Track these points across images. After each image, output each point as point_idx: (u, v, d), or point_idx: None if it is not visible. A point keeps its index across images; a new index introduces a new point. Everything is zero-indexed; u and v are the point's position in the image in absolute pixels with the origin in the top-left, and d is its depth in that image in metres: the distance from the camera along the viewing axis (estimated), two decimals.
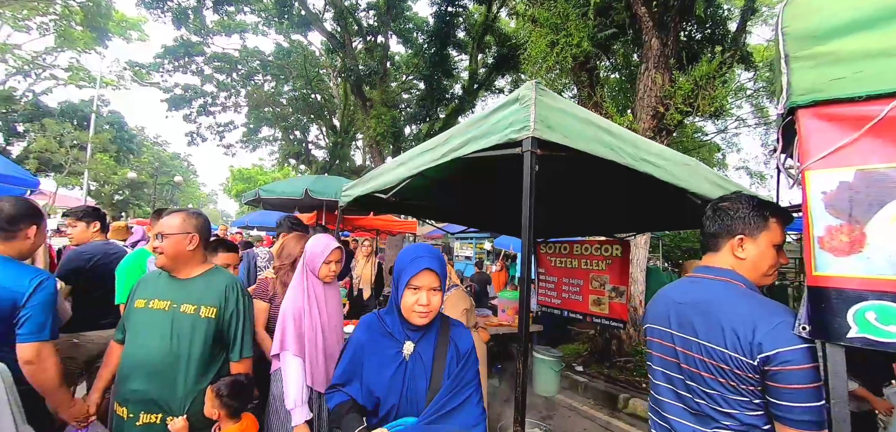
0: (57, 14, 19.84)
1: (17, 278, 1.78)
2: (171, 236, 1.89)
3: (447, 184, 3.12)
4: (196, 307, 1.89)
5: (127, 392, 1.85)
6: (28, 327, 1.73)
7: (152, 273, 2.07)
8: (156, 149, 31.34)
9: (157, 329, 1.86)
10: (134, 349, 1.89)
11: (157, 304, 1.90)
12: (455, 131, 2.02)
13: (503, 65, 15.42)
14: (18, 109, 21.19)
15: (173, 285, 1.95)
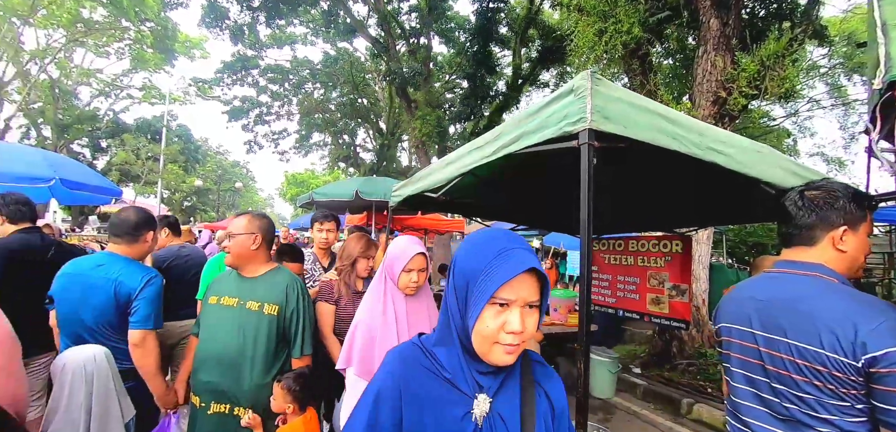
0: (131, 39, 21.81)
1: (133, 275, 2.10)
2: (236, 236, 2.03)
3: (497, 182, 3.08)
4: (260, 304, 1.99)
5: (199, 382, 2.00)
6: (137, 316, 2.04)
7: (226, 272, 2.20)
8: (218, 157, 33.67)
9: (226, 324, 1.98)
10: (206, 343, 2.02)
11: (227, 301, 2.02)
12: (505, 127, 1.98)
13: (547, 58, 15.08)
14: (101, 127, 23.51)
15: (241, 283, 2.06)
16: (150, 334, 2.06)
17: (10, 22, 18.87)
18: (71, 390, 1.50)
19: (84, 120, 22.12)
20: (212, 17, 14.64)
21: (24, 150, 3.62)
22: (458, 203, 4.22)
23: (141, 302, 2.05)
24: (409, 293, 1.94)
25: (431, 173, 2.81)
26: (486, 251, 0.85)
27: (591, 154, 1.50)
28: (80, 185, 3.37)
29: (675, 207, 4.00)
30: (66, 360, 1.55)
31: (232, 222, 2.11)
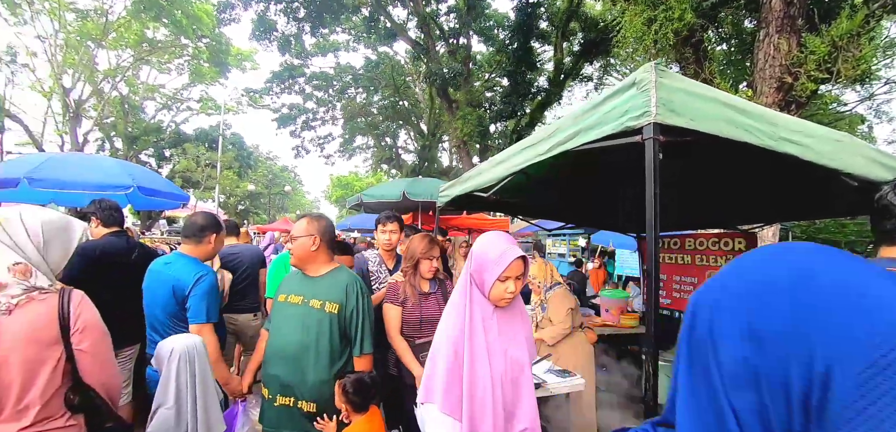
0: (189, 55, 23.38)
1: (188, 273, 2.26)
2: (297, 238, 2.14)
3: (547, 180, 3.03)
4: (322, 302, 2.07)
5: (267, 375, 2.12)
6: (191, 313, 2.23)
7: (294, 270, 2.30)
8: (268, 163, 35.36)
9: (292, 321, 2.08)
10: (274, 338, 2.14)
11: (293, 299, 2.12)
12: (560, 124, 1.95)
13: (590, 51, 14.65)
14: (165, 138, 25.32)
15: (305, 282, 2.15)
16: (206, 326, 2.23)
17: (86, 45, 20.78)
18: (178, 370, 1.75)
19: (150, 132, 23.94)
20: (261, 30, 15.38)
21: (106, 161, 3.98)
22: (504, 202, 4.19)
23: (193, 298, 2.22)
24: (502, 306, 1.53)
25: (481, 173, 2.82)
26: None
27: (657, 149, 1.44)
28: (154, 192, 3.68)
29: (739, 202, 3.77)
30: (173, 345, 1.79)
31: (294, 225, 2.23)
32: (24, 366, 1.26)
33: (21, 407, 1.26)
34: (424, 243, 2.54)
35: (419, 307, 2.47)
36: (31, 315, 1.28)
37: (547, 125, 2.08)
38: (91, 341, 1.35)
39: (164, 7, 19.22)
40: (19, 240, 1.33)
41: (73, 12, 20.40)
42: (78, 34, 20.58)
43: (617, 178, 3.42)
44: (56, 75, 20.54)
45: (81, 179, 3.24)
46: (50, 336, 1.29)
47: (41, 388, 1.27)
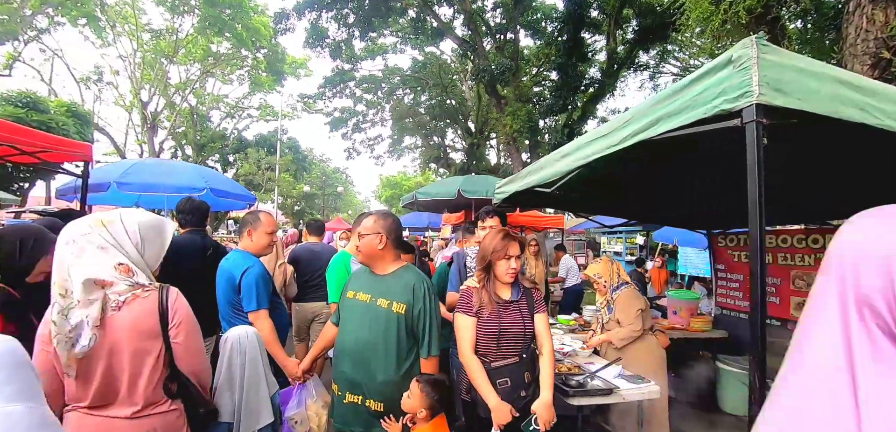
0: (249, 66, 24.82)
1: (237, 266, 2.44)
2: (364, 236, 2.12)
3: (610, 174, 2.86)
4: (389, 302, 2.03)
5: (337, 371, 2.14)
6: (244, 302, 2.40)
7: (362, 268, 2.27)
8: (321, 165, 36.81)
9: (360, 319, 2.06)
10: (343, 335, 2.14)
11: (361, 297, 2.10)
12: (636, 112, 1.81)
13: (647, 38, 13.89)
14: (228, 144, 27.07)
15: (373, 280, 2.13)
16: (257, 313, 2.37)
17: (160, 62, 22.68)
18: (230, 357, 1.86)
19: (216, 139, 25.68)
20: (314, 38, 15.98)
21: (182, 165, 4.30)
22: (563, 198, 4.03)
23: (244, 290, 2.39)
24: None
25: (543, 167, 2.70)
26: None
27: (761, 133, 1.28)
28: (224, 193, 3.93)
29: (829, 195, 3.37)
30: (228, 335, 1.92)
31: (361, 223, 2.23)
32: (133, 357, 1.39)
33: (132, 394, 1.40)
34: (498, 239, 2.11)
35: (498, 318, 2.05)
36: (137, 310, 1.40)
37: (620, 114, 1.94)
38: (185, 334, 1.48)
39: (227, 22, 20.49)
40: (121, 239, 1.44)
41: (148, 32, 22.33)
42: (152, 52, 22.51)
43: (687, 170, 3.17)
44: (135, 90, 22.59)
45: (161, 182, 3.54)
46: (153, 329, 1.41)
47: (147, 377, 1.41)
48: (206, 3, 18.95)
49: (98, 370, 1.35)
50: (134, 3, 20.87)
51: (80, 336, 1.30)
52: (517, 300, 2.14)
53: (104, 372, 1.36)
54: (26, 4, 16.74)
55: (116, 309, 1.37)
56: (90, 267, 1.36)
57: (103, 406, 1.39)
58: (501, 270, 2.09)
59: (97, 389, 1.37)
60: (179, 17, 21.57)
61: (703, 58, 19.83)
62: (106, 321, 1.35)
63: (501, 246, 2.09)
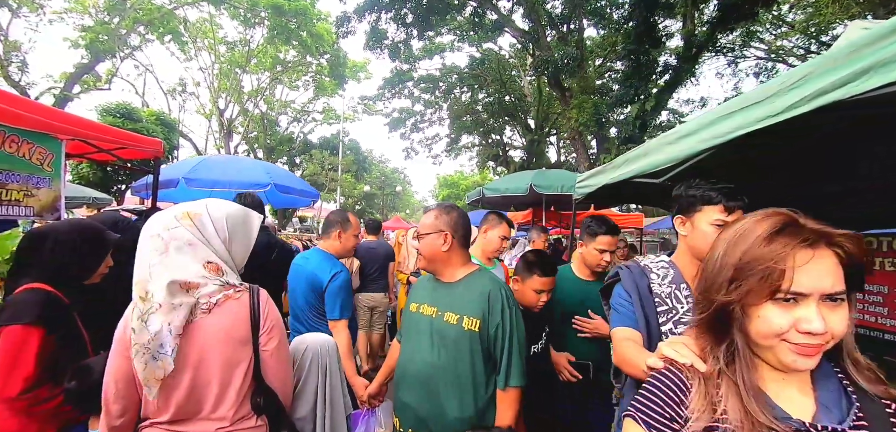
0: (313, 71, 25.94)
1: (323, 270, 2.33)
2: (425, 236, 1.73)
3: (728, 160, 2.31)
4: (459, 316, 1.61)
5: (398, 401, 1.76)
6: (327, 308, 2.31)
7: (425, 275, 1.92)
8: (380, 165, 37.71)
9: (424, 337, 1.68)
10: (404, 355, 1.78)
11: (425, 310, 1.72)
12: (815, 66, 1.32)
13: (731, 16, 12.48)
14: (295, 147, 28.53)
15: (438, 289, 1.73)
16: (339, 323, 2.29)
17: (234, 72, 24.34)
18: (309, 369, 1.60)
19: (283, 142, 27.14)
20: (374, 40, 16.20)
21: (248, 161, 4.34)
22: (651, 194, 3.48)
23: (328, 296, 2.29)
24: None
25: (648, 153, 2.24)
26: None
27: None
28: (288, 189, 3.88)
29: None
30: (307, 344, 1.63)
31: (421, 220, 1.89)
32: (223, 367, 1.23)
33: (218, 408, 1.23)
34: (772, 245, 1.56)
35: None
36: (229, 313, 1.24)
37: (778, 75, 1.46)
38: (277, 341, 1.32)
39: (293, 30, 21.48)
40: (208, 234, 1.28)
41: (224, 45, 24.04)
42: (228, 63, 24.20)
43: (807, 159, 2.52)
44: (213, 99, 24.43)
45: (228, 178, 3.55)
46: (244, 335, 1.25)
47: (237, 388, 1.25)
48: (274, 13, 19.95)
49: (184, 381, 1.19)
50: (212, 19, 22.54)
51: (161, 347, 1.13)
52: None
53: (190, 383, 1.20)
54: (122, 25, 18.56)
55: (206, 311, 1.21)
56: (175, 267, 1.20)
57: (185, 420, 1.22)
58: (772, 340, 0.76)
59: (180, 403, 1.20)
60: (251, 29, 22.99)
61: (794, 37, 17.73)
62: (194, 326, 1.20)
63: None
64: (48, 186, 2.42)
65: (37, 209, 2.37)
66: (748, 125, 1.51)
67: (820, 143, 2.08)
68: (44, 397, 1.30)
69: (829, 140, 2.01)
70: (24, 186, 2.30)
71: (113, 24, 18.31)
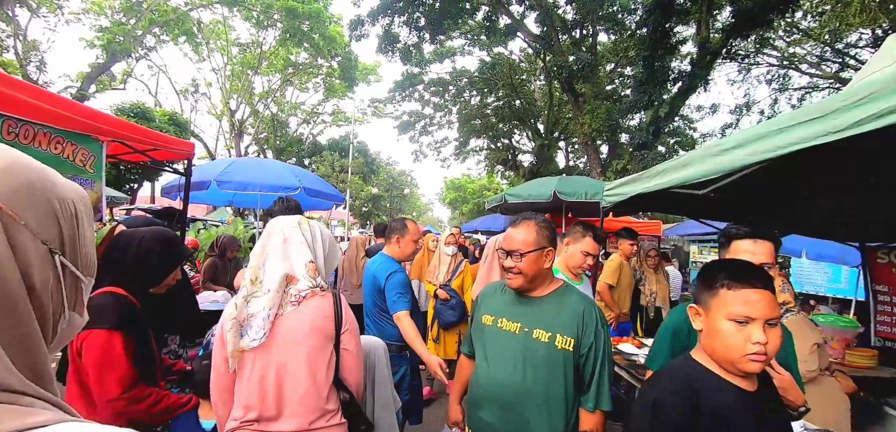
0: (323, 74, 26.09)
1: (381, 270, 2.62)
2: (527, 254, 1.58)
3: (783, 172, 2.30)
4: (551, 335, 1.52)
5: (479, 420, 1.64)
6: (387, 305, 2.55)
7: (498, 285, 1.79)
8: (388, 167, 37.77)
9: (508, 356, 1.57)
10: (484, 373, 1.64)
11: (506, 325, 1.61)
12: (879, 85, 1.31)
13: (745, 24, 12.41)
14: (304, 148, 28.67)
15: (523, 305, 1.62)
16: (402, 314, 2.50)
17: (246, 74, 24.54)
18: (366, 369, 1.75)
19: (293, 143, 27.29)
20: (386, 43, 16.27)
21: (277, 165, 4.37)
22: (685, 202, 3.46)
23: (387, 293, 2.55)
24: None
25: (688, 164, 2.23)
26: None
27: None
28: (316, 192, 3.92)
29: None
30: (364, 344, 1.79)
31: (512, 235, 1.66)
32: (309, 358, 1.32)
33: (304, 403, 1.30)
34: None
35: None
36: (317, 307, 1.36)
37: (833, 95, 1.46)
38: (354, 342, 1.44)
39: (306, 33, 21.64)
40: (315, 241, 1.46)
41: (236, 47, 24.26)
42: (240, 65, 24.42)
43: (839, 170, 2.50)
44: (225, 100, 24.65)
45: (258, 181, 3.59)
46: (329, 330, 1.37)
47: (320, 383, 1.34)
48: (288, 15, 20.12)
49: (271, 370, 1.29)
50: (225, 21, 22.76)
51: (251, 326, 1.28)
52: None
53: (277, 372, 1.29)
54: (138, 25, 18.80)
55: (296, 304, 1.34)
56: (288, 262, 1.38)
57: (272, 419, 1.29)
58: None
59: (267, 394, 1.29)
60: (263, 32, 23.19)
61: (808, 44, 17.58)
62: (285, 316, 1.33)
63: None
64: (91, 188, 2.45)
65: None
66: (807, 140, 1.51)
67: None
68: (140, 396, 1.38)
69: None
70: None
71: (129, 25, 18.56)
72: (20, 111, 2.05)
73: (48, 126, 2.19)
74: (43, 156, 2.20)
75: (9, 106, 2.00)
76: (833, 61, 17.22)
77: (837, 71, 17.29)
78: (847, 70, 16.84)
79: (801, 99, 18.85)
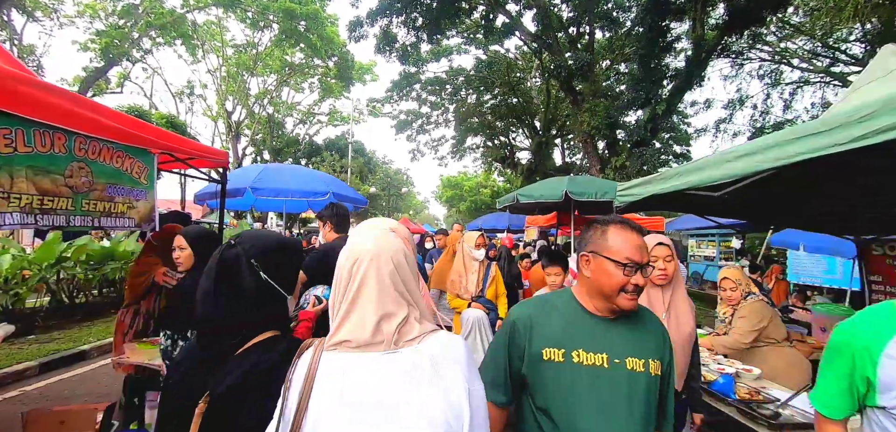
0: (319, 74, 26.11)
1: None
2: (671, 261, 1.32)
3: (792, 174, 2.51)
4: (644, 361, 1.21)
5: None
6: None
7: (545, 300, 1.37)
8: (384, 166, 37.90)
9: (602, 395, 1.17)
10: (568, 424, 1.17)
11: (587, 358, 1.20)
12: (881, 105, 1.51)
13: (739, 22, 12.71)
14: (301, 149, 28.67)
15: (603, 327, 1.24)
16: None
17: (241, 75, 24.51)
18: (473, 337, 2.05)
19: (290, 144, 27.30)
20: (384, 43, 16.38)
21: (307, 171, 4.52)
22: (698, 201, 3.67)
23: None
24: None
25: (704, 168, 2.43)
26: None
27: None
28: (343, 197, 4.06)
29: None
30: (466, 316, 2.03)
31: (648, 241, 1.39)
32: None
33: None
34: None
35: None
36: None
37: (847, 108, 1.65)
38: None
39: (302, 34, 21.66)
40: None
41: (231, 48, 24.21)
42: (235, 66, 24.37)
43: (835, 165, 2.73)
44: (221, 101, 24.60)
45: (291, 187, 3.74)
46: None
47: None
48: (285, 16, 20.11)
49: None
50: (219, 22, 22.72)
51: None
52: None
53: None
54: (135, 28, 18.73)
55: None
56: None
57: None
58: None
59: None
60: (259, 33, 23.18)
61: (800, 40, 17.94)
62: None
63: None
64: (145, 199, 2.61)
65: (137, 220, 2.55)
66: (819, 149, 1.71)
67: None
68: None
69: None
70: (127, 199, 2.49)
71: (126, 28, 18.49)
72: (87, 127, 2.19)
73: (111, 141, 2.34)
74: (108, 170, 2.35)
75: (78, 123, 2.14)
76: (824, 56, 17.57)
77: (828, 65, 17.65)
78: (838, 65, 17.24)
79: (792, 93, 19.26)
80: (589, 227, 1.33)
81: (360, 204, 4.46)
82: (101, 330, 5.73)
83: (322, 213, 2.60)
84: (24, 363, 4.50)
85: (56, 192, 2.09)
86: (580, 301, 1.30)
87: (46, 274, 5.89)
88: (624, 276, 1.18)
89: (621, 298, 1.20)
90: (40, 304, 6.25)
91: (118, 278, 6.96)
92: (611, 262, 1.21)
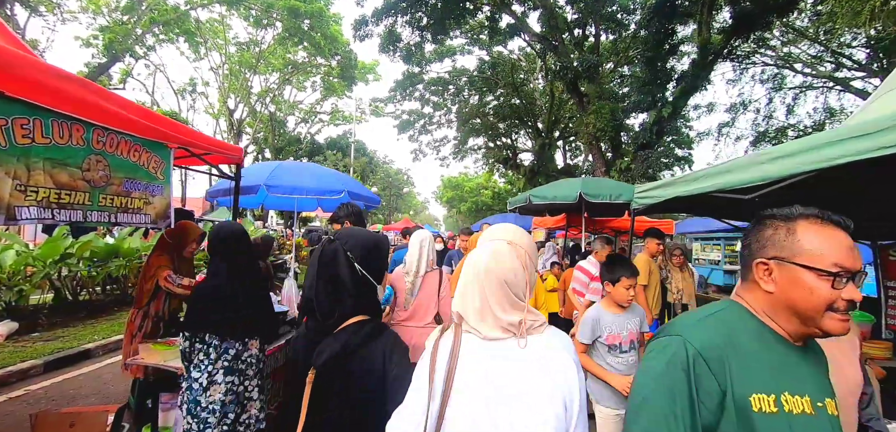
0: (322, 73, 26.06)
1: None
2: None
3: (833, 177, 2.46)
4: (833, 401, 0.93)
5: None
6: None
7: (719, 319, 0.97)
8: (385, 166, 37.86)
9: None
10: None
11: (795, 405, 0.87)
12: None
13: (744, 25, 12.70)
14: (302, 147, 28.62)
15: (791, 357, 0.93)
16: None
17: (243, 73, 24.46)
18: None
19: (292, 143, 27.23)
20: (389, 43, 16.35)
21: (321, 169, 4.47)
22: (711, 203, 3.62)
23: None
24: None
25: (731, 170, 2.38)
26: None
27: None
28: (358, 196, 4.01)
29: None
30: None
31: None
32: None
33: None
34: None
35: None
36: (432, 275, 2.78)
37: (886, 115, 1.61)
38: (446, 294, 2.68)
39: (306, 32, 21.61)
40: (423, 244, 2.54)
41: (234, 45, 24.16)
42: (238, 63, 24.32)
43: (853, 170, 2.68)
44: (223, 99, 24.53)
45: (306, 185, 3.68)
46: (435, 286, 2.79)
47: (432, 309, 2.72)
48: (289, 14, 20.07)
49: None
50: (223, 20, 22.66)
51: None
52: None
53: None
54: (138, 24, 18.67)
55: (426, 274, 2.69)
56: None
57: None
58: None
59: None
60: (262, 31, 23.13)
61: (803, 44, 17.95)
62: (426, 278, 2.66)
63: None
64: (162, 194, 2.55)
65: (153, 216, 2.50)
66: (861, 153, 1.66)
67: None
68: None
69: None
70: (143, 195, 2.43)
71: (129, 24, 18.43)
72: (105, 119, 2.14)
73: (129, 134, 2.29)
74: (126, 164, 2.30)
75: (96, 114, 2.09)
76: (828, 61, 17.57)
77: (832, 71, 17.64)
78: (841, 70, 17.23)
79: (795, 98, 19.28)
80: (761, 225, 1.00)
81: (373, 203, 4.40)
82: (105, 328, 5.68)
83: (338, 213, 2.56)
84: (29, 361, 4.44)
85: (73, 186, 2.03)
86: (765, 321, 0.95)
87: (51, 270, 5.83)
88: (833, 290, 0.86)
89: (828, 320, 0.87)
90: (44, 301, 6.19)
91: (122, 275, 6.90)
92: (810, 272, 0.88)
